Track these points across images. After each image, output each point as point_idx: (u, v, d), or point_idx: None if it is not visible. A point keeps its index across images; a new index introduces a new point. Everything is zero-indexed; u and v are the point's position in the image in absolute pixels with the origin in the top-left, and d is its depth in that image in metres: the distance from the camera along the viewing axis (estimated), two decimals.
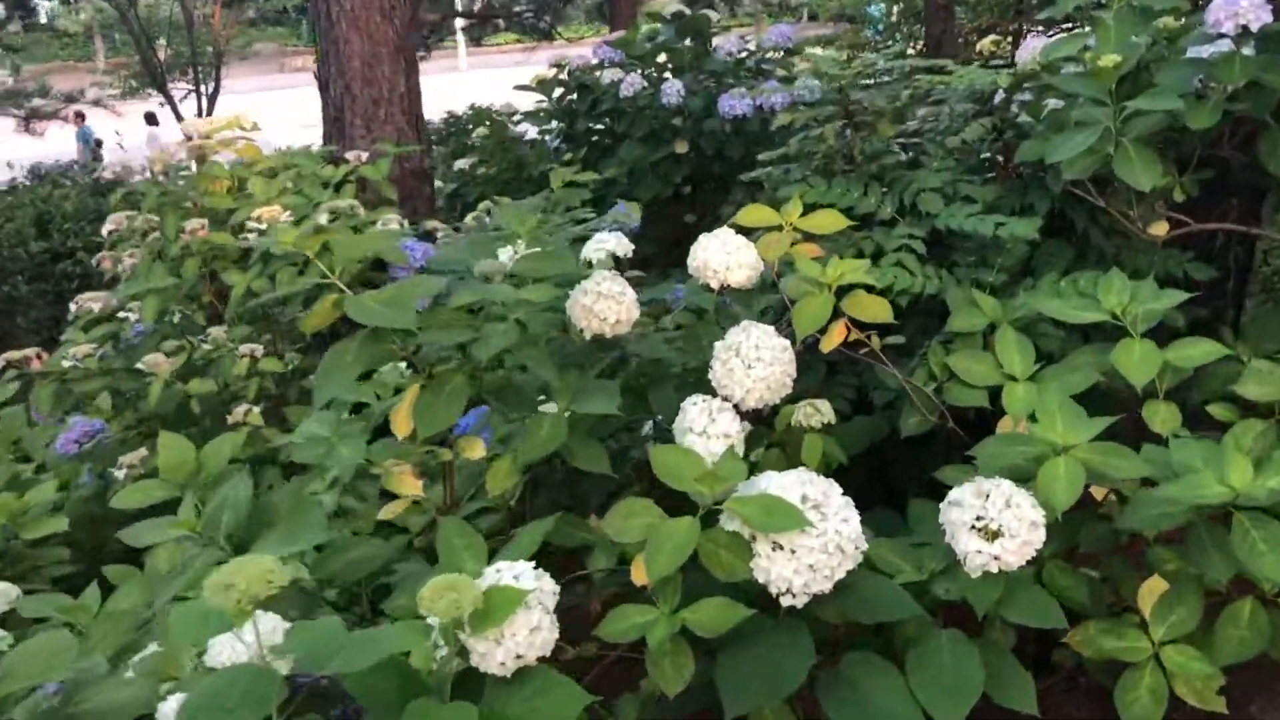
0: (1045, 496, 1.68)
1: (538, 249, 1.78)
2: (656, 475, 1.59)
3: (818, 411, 1.99)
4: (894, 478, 2.65)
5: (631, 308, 1.98)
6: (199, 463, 2.11)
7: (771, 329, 1.91)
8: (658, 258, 4.36)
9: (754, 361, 1.85)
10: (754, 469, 2.10)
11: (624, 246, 2.22)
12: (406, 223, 2.86)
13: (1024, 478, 1.80)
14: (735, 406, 1.88)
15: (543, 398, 1.81)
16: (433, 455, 1.75)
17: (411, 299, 1.58)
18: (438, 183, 5.88)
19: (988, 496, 1.62)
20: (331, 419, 1.95)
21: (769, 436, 2.10)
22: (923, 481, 2.51)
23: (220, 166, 2.93)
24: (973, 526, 1.62)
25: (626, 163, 4.64)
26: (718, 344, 1.91)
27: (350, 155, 3.24)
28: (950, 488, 1.75)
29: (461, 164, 5.91)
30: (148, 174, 3.21)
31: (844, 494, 1.61)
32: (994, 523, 1.60)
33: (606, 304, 1.95)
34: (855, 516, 1.58)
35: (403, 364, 2.23)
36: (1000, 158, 2.69)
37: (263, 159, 3.10)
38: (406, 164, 3.80)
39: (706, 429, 1.78)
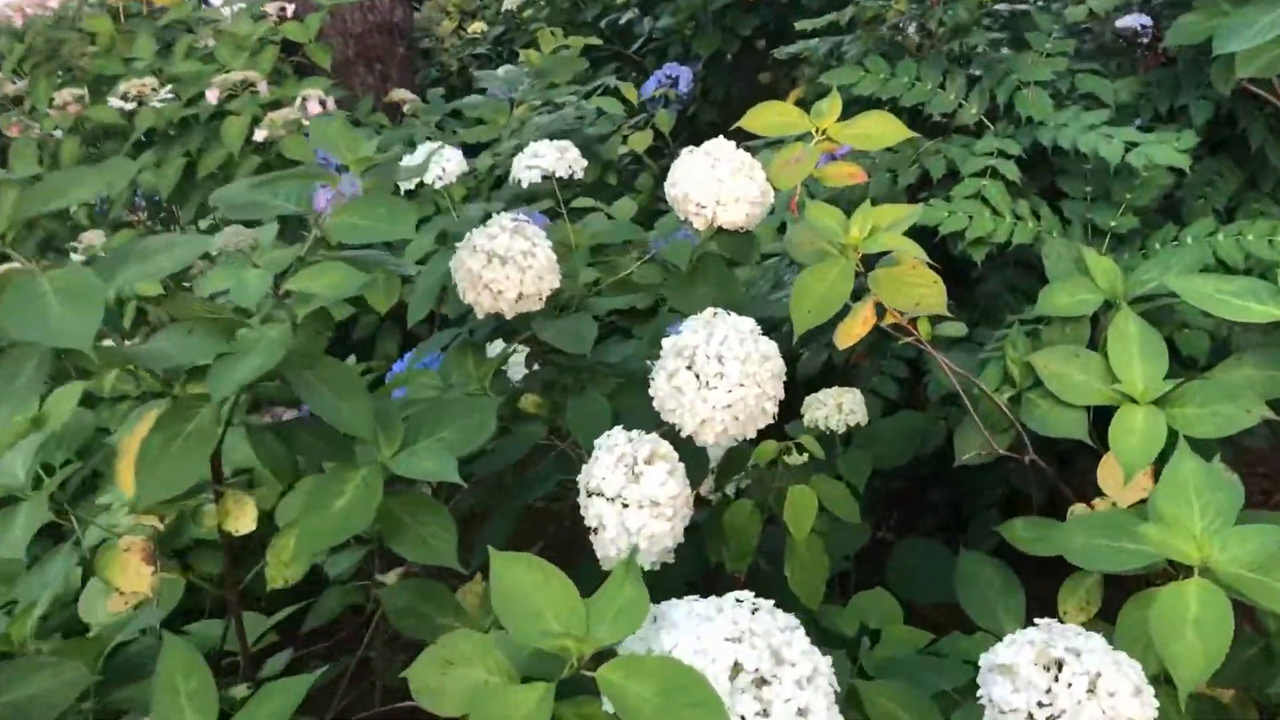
0: (1163, 655, 1.00)
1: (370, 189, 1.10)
2: (495, 609, 0.95)
3: (804, 448, 1.32)
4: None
5: (544, 274, 1.31)
6: (42, 415, 1.58)
7: (750, 325, 1.22)
8: (721, 126, 3.67)
9: (714, 378, 1.18)
10: (727, 505, 1.46)
11: (569, 164, 1.53)
12: (333, 101, 2.19)
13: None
14: (688, 440, 1.23)
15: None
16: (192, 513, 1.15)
17: (101, 293, 0.94)
18: (481, 25, 5.17)
19: (1058, 671, 0.95)
20: (31, 452, 1.32)
21: (748, 466, 1.44)
22: (994, 498, 1.84)
23: (102, 19, 2.28)
24: (1030, 715, 0.96)
25: (684, 9, 3.89)
26: (665, 343, 1.23)
27: (271, 7, 2.52)
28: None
29: (509, 4, 5.20)
30: None
31: (812, 642, 0.96)
32: (1065, 717, 0.94)
33: (503, 271, 1.29)
34: (822, 698, 0.92)
35: None
36: (1144, 35, 1.88)
37: (180, 7, 2.43)
38: (372, 15, 3.05)
39: (623, 493, 1.12)
